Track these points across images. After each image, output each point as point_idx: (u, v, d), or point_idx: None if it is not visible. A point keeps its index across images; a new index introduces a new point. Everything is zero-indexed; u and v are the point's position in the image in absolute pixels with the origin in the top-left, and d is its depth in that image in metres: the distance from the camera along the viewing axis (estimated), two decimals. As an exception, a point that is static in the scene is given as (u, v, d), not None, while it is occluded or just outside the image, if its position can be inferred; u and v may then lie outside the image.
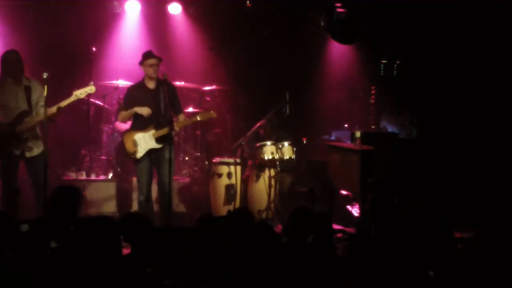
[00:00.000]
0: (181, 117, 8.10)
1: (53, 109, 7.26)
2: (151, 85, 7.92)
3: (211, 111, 8.23)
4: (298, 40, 10.88)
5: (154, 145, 7.86)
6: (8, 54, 7.52)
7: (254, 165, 9.03)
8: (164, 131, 7.76)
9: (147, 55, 7.89)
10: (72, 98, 7.39)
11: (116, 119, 9.51)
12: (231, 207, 8.78)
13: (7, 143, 7.39)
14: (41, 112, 7.29)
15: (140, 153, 7.87)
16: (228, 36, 10.66)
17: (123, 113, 8.03)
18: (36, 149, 7.46)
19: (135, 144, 7.88)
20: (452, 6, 9.64)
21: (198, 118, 8.12)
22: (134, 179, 8.74)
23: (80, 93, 7.42)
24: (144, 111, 7.82)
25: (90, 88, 7.49)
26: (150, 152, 7.88)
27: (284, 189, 9.05)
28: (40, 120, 7.31)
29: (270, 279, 4.43)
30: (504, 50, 9.58)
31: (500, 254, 4.76)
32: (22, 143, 7.43)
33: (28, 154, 7.47)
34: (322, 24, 10.70)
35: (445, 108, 9.83)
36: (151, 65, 7.83)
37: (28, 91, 7.44)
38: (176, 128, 7.90)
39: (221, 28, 10.60)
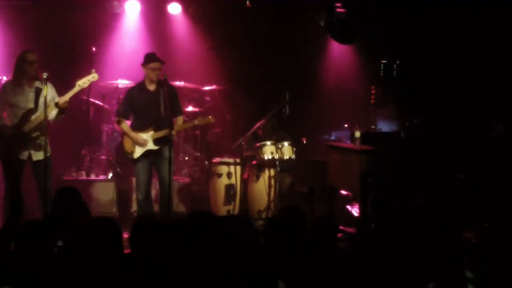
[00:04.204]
0: (180, 120, 8.08)
1: (66, 98, 7.16)
2: (151, 86, 7.89)
3: (209, 116, 8.29)
4: (298, 40, 10.88)
5: (151, 146, 7.86)
6: (26, 54, 7.36)
7: (254, 165, 9.02)
8: (162, 133, 7.76)
9: (150, 58, 7.81)
10: (76, 89, 7.23)
11: (116, 119, 9.53)
12: (231, 207, 8.80)
13: (14, 143, 7.29)
14: (49, 111, 7.19)
15: (137, 153, 7.87)
16: (228, 36, 10.65)
17: (122, 123, 7.93)
18: (43, 153, 7.20)
19: (133, 144, 7.88)
20: (452, 6, 9.64)
21: (196, 123, 8.24)
22: (134, 179, 8.74)
23: (83, 82, 7.24)
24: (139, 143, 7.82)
25: (93, 76, 7.30)
26: (148, 153, 7.88)
27: (283, 189, 9.05)
28: (45, 118, 7.07)
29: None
30: (505, 49, 9.57)
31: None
32: (29, 144, 7.32)
33: (34, 157, 7.35)
34: (322, 24, 10.71)
35: (445, 108, 9.82)
36: (153, 69, 7.77)
37: (38, 92, 7.32)
38: (173, 132, 7.83)
39: (221, 28, 10.60)
